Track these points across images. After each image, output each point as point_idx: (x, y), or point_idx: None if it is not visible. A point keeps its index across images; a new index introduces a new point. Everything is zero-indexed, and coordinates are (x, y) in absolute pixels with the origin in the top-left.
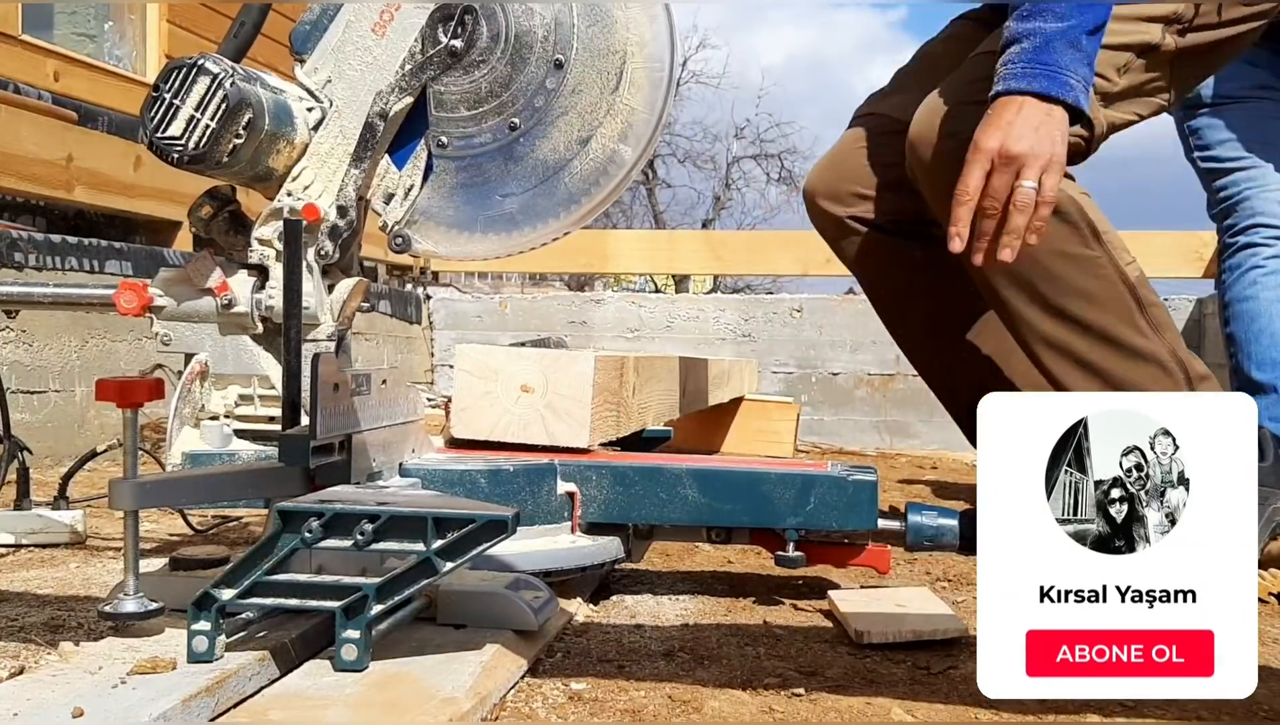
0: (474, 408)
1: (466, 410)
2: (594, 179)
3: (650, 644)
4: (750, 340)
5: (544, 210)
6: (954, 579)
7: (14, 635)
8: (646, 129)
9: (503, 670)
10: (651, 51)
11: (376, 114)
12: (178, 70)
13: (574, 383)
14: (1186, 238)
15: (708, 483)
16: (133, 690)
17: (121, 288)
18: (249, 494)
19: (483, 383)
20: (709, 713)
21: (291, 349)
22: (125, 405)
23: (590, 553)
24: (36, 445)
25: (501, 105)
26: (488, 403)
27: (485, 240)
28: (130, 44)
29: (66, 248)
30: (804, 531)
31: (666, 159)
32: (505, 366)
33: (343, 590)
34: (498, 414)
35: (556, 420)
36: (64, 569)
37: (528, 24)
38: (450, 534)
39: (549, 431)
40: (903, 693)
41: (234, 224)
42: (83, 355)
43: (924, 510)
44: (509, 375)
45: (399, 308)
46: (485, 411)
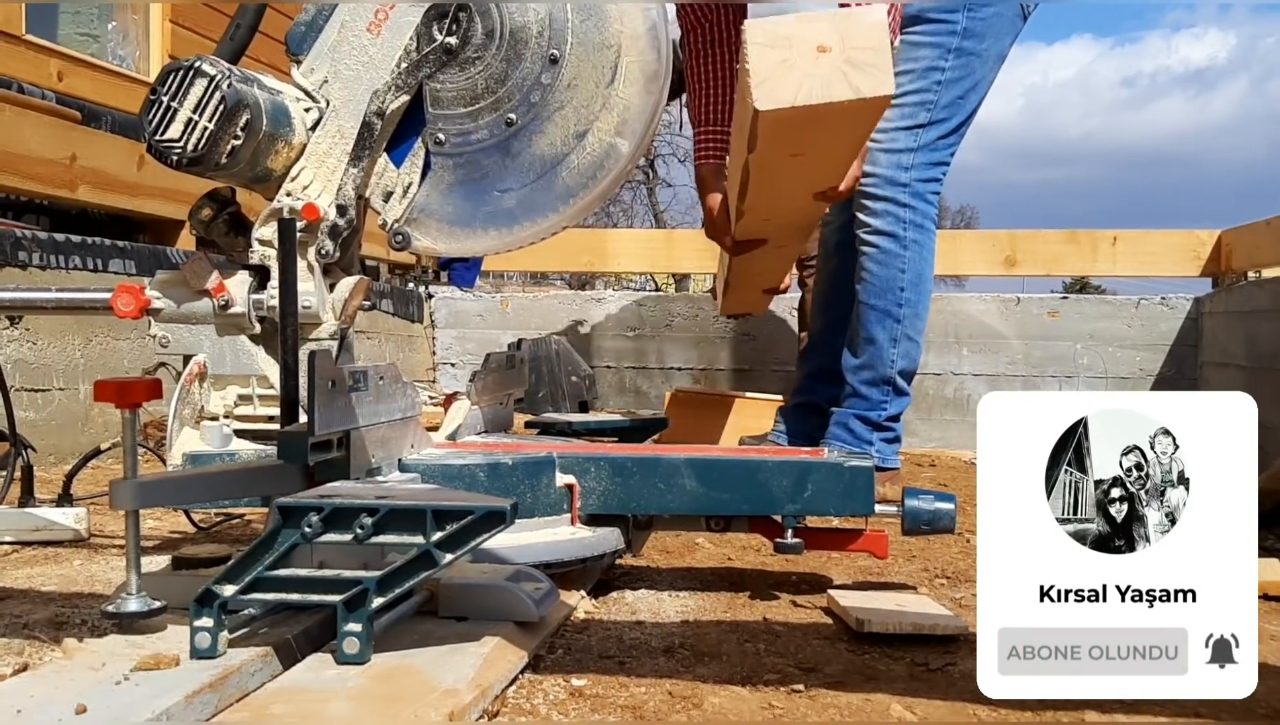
0: (772, 78)
1: (765, 81)
2: (591, 173)
3: (651, 640)
4: (750, 339)
5: (542, 205)
6: (953, 576)
7: (18, 632)
8: (642, 122)
9: (504, 662)
10: (645, 45)
11: (374, 112)
12: (175, 73)
13: (870, 33)
14: (1186, 237)
15: (706, 472)
16: (136, 687)
17: (119, 291)
18: (249, 492)
19: (777, 52)
20: (709, 709)
21: (288, 347)
22: (124, 405)
23: (590, 544)
24: (40, 443)
25: (498, 101)
26: (785, 70)
27: (484, 236)
28: (133, 44)
29: (70, 247)
30: (802, 518)
31: (667, 159)
32: (797, 31)
33: (344, 584)
34: (798, 79)
35: (858, 73)
36: (67, 566)
37: (522, 20)
38: (449, 526)
39: (852, 85)
40: (902, 689)
41: (234, 225)
42: (86, 354)
43: (921, 495)
44: (802, 38)
45: (401, 306)
46: (784, 79)
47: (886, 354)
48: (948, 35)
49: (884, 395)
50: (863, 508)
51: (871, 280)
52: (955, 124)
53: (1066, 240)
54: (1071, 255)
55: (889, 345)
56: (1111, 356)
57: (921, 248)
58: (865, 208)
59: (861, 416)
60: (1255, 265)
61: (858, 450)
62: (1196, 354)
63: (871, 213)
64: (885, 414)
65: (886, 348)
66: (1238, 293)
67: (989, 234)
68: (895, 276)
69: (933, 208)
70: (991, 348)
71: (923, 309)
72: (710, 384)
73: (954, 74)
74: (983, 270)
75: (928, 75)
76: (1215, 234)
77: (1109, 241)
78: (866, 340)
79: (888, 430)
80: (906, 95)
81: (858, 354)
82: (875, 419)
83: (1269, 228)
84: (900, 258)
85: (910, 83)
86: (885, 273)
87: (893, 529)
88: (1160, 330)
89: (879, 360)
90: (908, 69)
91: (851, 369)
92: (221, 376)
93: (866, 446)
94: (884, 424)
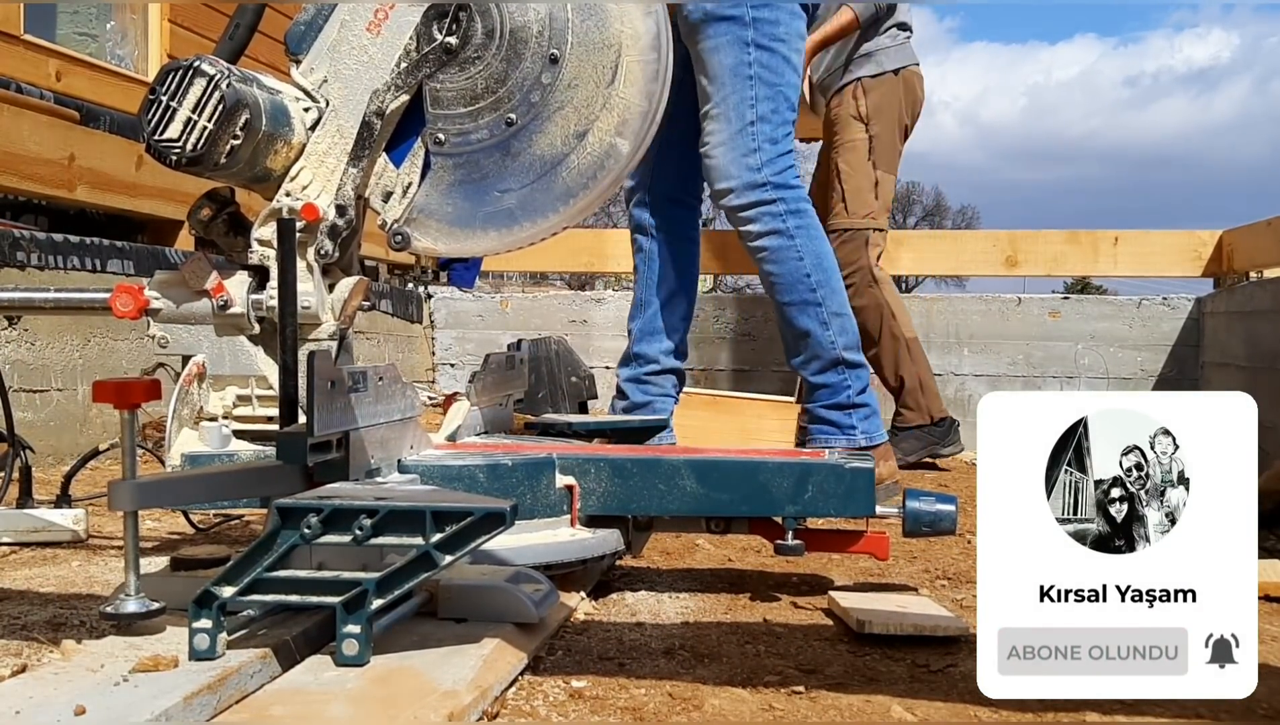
0: None
1: None
2: (592, 173)
3: (651, 642)
4: (750, 339)
5: (542, 205)
6: (954, 577)
7: (16, 633)
8: (643, 122)
9: (504, 664)
10: (646, 44)
11: (373, 112)
12: (174, 73)
13: None
14: (1186, 237)
15: (706, 473)
16: (135, 688)
17: (117, 291)
18: (247, 493)
19: None
20: (709, 710)
21: (287, 347)
22: (122, 406)
23: (590, 545)
24: (39, 444)
25: (498, 101)
26: None
27: (484, 236)
28: (132, 43)
29: (68, 247)
30: (803, 519)
31: None
32: None
33: (343, 585)
34: None
35: None
36: (66, 567)
37: (522, 19)
38: (448, 527)
39: None
40: (902, 690)
41: (233, 226)
42: (85, 354)
43: (922, 496)
44: None
45: (400, 306)
46: None
47: (824, 338)
48: (741, 30)
49: (840, 376)
50: (863, 509)
51: (777, 281)
52: (783, 108)
53: (1068, 240)
54: (1073, 255)
55: (821, 330)
56: (1113, 357)
57: (807, 230)
58: (741, 220)
59: (832, 405)
60: (1256, 266)
61: (851, 444)
62: (1198, 354)
63: (748, 221)
64: (852, 393)
65: (820, 333)
66: (1239, 293)
67: (990, 234)
68: (796, 267)
69: (800, 189)
70: (992, 348)
71: (836, 283)
72: (710, 385)
73: (760, 66)
74: (984, 270)
75: (737, 76)
76: (1217, 234)
77: (1110, 242)
78: (799, 336)
79: (862, 407)
80: (727, 101)
81: (799, 352)
82: (845, 402)
83: (1270, 228)
84: (792, 248)
85: (726, 89)
86: (786, 268)
87: (894, 530)
88: (1161, 331)
89: (820, 347)
90: (717, 76)
91: (801, 366)
92: (220, 377)
93: (851, 432)
94: (856, 403)
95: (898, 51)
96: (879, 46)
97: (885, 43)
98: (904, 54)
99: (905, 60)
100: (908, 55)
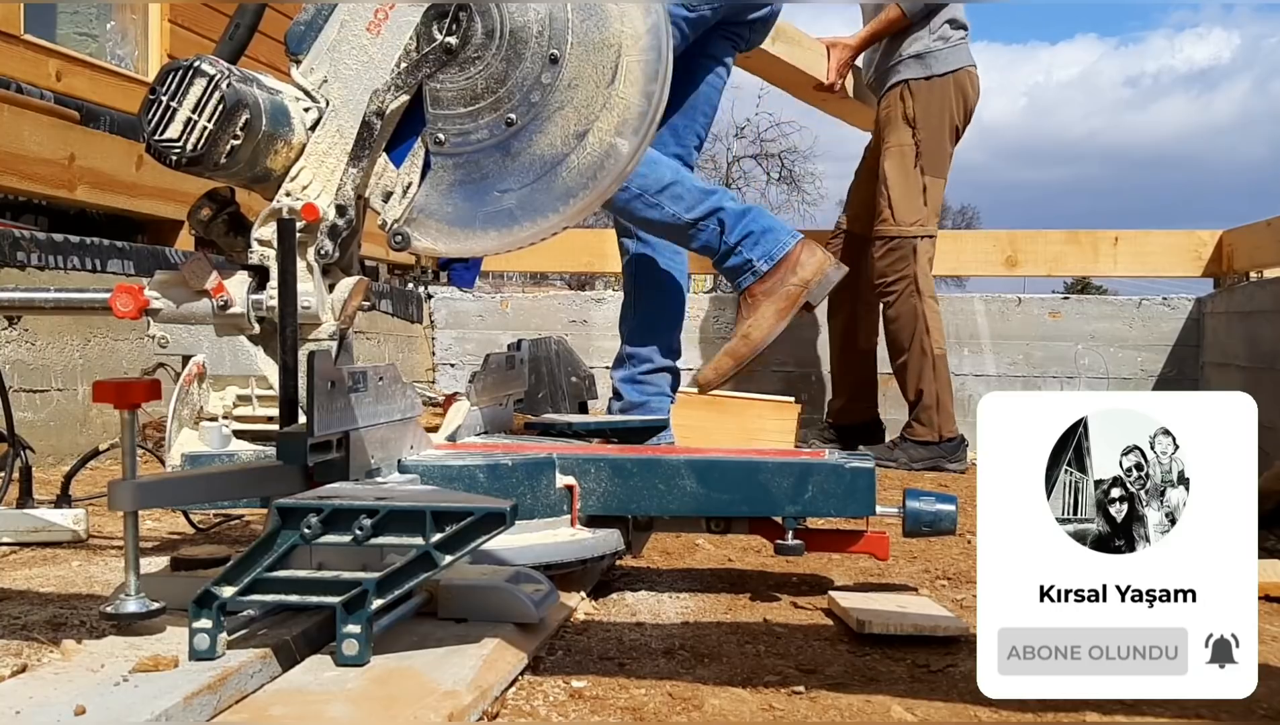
0: None
1: None
2: (592, 173)
3: (651, 642)
4: None
5: (542, 205)
6: (954, 577)
7: (16, 633)
8: (643, 122)
9: (504, 664)
10: (646, 44)
11: (373, 112)
12: (174, 73)
13: None
14: (1186, 237)
15: (706, 473)
16: (135, 688)
17: (117, 291)
18: (247, 493)
19: None
20: (709, 710)
21: (287, 347)
22: (123, 406)
23: (590, 545)
24: (39, 444)
25: (498, 101)
26: None
27: (484, 236)
28: (132, 43)
29: (69, 247)
30: (803, 519)
31: None
32: None
33: (343, 585)
34: None
35: None
36: (66, 567)
37: (522, 19)
38: (448, 527)
39: None
40: (903, 690)
41: (234, 226)
42: (85, 354)
43: (922, 496)
44: None
45: (400, 306)
46: None
47: (666, 218)
48: None
49: (705, 233)
50: (863, 509)
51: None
52: None
53: (1068, 240)
54: (1073, 255)
55: (658, 212)
56: (1113, 357)
57: None
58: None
59: (720, 259)
60: (1257, 266)
61: (757, 276)
62: (1198, 354)
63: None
64: (727, 237)
65: (660, 216)
66: (1239, 293)
67: (990, 234)
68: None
69: None
70: (993, 348)
71: (644, 170)
72: None
73: None
74: (984, 270)
75: None
76: (1217, 234)
77: (1110, 242)
78: (655, 229)
79: (743, 239)
80: None
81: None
82: (726, 248)
83: (1270, 228)
84: None
85: None
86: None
87: (894, 530)
88: (1162, 331)
89: (672, 228)
90: None
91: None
92: (220, 377)
93: (751, 266)
94: (735, 243)
95: (950, 54)
96: (929, 49)
97: (936, 45)
98: (956, 56)
99: (957, 63)
100: (961, 57)
